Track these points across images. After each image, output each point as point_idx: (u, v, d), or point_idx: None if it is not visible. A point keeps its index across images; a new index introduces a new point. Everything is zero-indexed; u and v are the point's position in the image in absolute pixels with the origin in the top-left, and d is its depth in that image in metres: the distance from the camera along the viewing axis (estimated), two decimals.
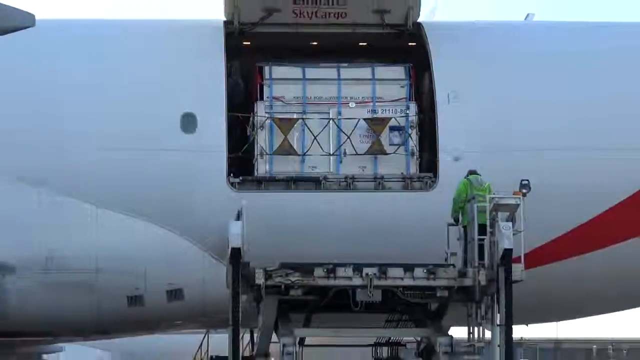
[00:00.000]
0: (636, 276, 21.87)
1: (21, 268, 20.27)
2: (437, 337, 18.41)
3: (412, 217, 19.99)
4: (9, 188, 20.05)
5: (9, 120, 20.21)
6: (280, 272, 17.52)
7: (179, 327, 25.05)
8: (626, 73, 22.06)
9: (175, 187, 20.55)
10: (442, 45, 21.62)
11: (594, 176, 20.83)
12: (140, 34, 23.08)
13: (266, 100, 21.17)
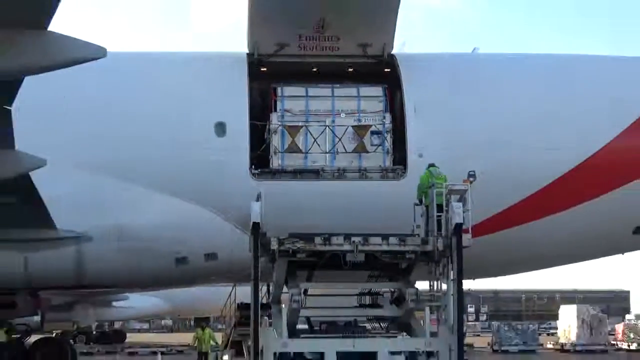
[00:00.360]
0: (553, 243, 21.85)
1: (97, 238, 20.04)
2: (407, 288, 18.25)
3: (388, 199, 19.82)
4: (93, 179, 19.98)
5: (95, 127, 20.17)
6: (289, 240, 17.38)
7: (213, 281, 24.75)
8: (542, 91, 22.01)
9: (210, 177, 20.43)
10: (410, 71, 21.49)
11: (521, 166, 20.79)
12: (186, 62, 23.05)
13: (279, 112, 20.98)
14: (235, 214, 19.21)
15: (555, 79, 22.44)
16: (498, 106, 21.31)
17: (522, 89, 21.94)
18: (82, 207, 19.71)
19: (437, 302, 17.86)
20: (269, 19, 20.98)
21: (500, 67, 23.21)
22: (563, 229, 21.17)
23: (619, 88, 21.91)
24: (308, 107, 21.14)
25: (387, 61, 21.71)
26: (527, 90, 21.85)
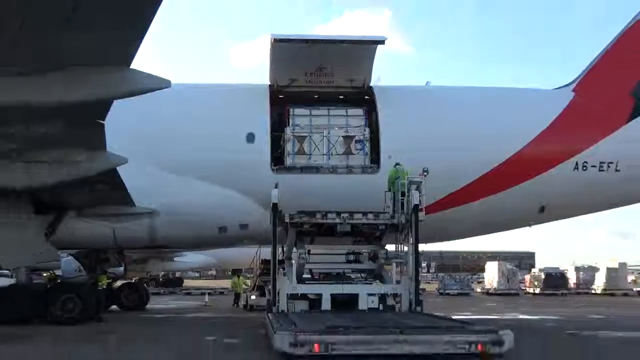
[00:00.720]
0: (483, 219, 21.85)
1: (162, 213, 20.00)
2: (379, 249, 18.45)
3: (367, 187, 19.65)
4: (163, 174, 19.92)
5: (163, 137, 20.27)
6: (297, 215, 17.50)
7: (244, 244, 24.59)
8: (474, 112, 21.87)
9: (243, 171, 20.24)
10: (382, 98, 21.36)
11: (459, 165, 20.69)
12: (227, 91, 22.82)
13: (291, 126, 20.76)
14: (261, 197, 19.03)
15: (483, 104, 22.32)
16: (442, 123, 21.04)
17: (459, 110, 21.68)
18: (154, 193, 19.60)
19: (400, 259, 17.95)
20: (284, 63, 20.84)
21: (445, 95, 23.03)
22: (490, 208, 21.00)
23: (525, 111, 21.81)
24: (311, 123, 20.93)
25: (366, 91, 21.53)
26: (463, 112, 21.63)
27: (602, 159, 20.90)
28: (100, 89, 12.83)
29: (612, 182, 21.09)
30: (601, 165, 20.89)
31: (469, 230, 23.26)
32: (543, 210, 21.76)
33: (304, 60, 20.90)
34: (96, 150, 16.18)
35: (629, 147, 20.97)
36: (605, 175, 20.93)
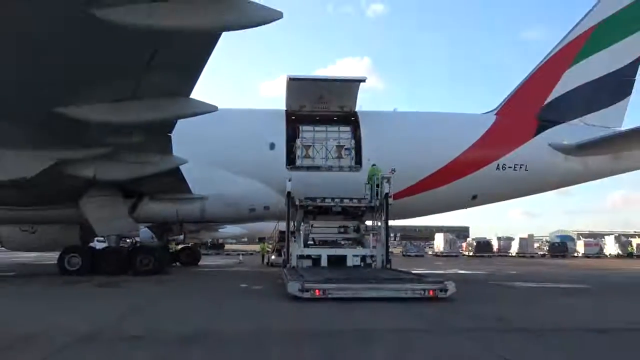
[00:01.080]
0: (434, 203, 21.73)
1: (210, 197, 19.94)
2: (361, 224, 18.29)
3: (352, 181, 19.51)
4: (211, 170, 19.70)
5: (213, 144, 19.99)
6: (304, 200, 17.42)
7: (267, 219, 24.40)
8: (430, 129, 21.78)
9: (267, 170, 20.04)
10: (364, 119, 21.26)
11: (417, 165, 20.59)
12: (258, 113, 22.77)
13: (300, 138, 20.61)
14: (279, 187, 18.84)
15: (433, 123, 22.25)
16: (405, 137, 20.86)
17: (416, 128, 21.59)
18: (205, 184, 19.47)
19: (375, 231, 17.75)
20: (296, 95, 20.80)
21: (407, 117, 22.85)
22: (438, 196, 20.90)
23: (462, 129, 21.75)
24: (314, 136, 20.75)
25: (352, 114, 21.40)
26: (419, 129, 21.54)
27: (516, 163, 20.91)
28: (168, 113, 12.92)
29: (523, 178, 21.12)
30: (515, 166, 20.90)
31: (424, 211, 23.11)
32: (475, 197, 21.79)
33: (309, 93, 20.90)
34: (165, 154, 16.29)
35: (534, 154, 21.03)
36: (518, 173, 20.95)
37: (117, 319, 8.94)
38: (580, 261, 46.81)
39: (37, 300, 12.16)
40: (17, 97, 11.75)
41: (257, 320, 9.00)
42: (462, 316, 9.52)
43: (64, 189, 18.00)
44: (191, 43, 9.71)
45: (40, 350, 6.17)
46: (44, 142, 14.54)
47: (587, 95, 21.94)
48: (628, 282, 20.15)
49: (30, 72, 10.60)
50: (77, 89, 11.64)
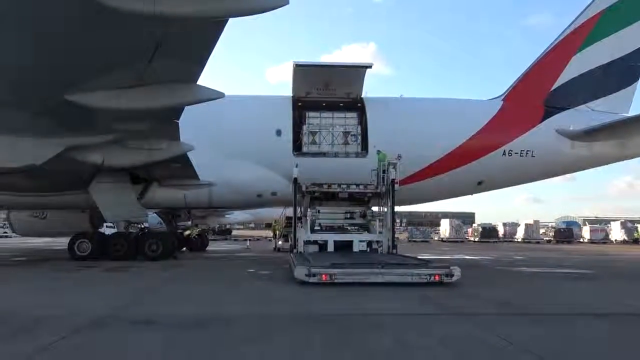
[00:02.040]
0: (440, 189, 21.68)
1: (219, 184, 20.02)
2: (367, 210, 18.32)
3: (358, 167, 19.63)
4: (218, 157, 19.81)
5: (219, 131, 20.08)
6: (311, 186, 17.43)
7: (274, 205, 24.35)
8: (435, 115, 21.63)
9: (274, 156, 20.10)
10: (370, 105, 21.17)
11: (423, 152, 20.51)
12: (264, 100, 22.74)
13: (306, 125, 20.70)
14: (285, 173, 18.89)
15: (440, 110, 22.00)
16: (411, 123, 20.79)
17: (423, 114, 21.47)
18: (212, 170, 19.51)
19: (382, 217, 17.83)
20: (302, 81, 20.72)
21: (413, 103, 22.49)
22: (444, 182, 20.90)
23: (469, 115, 21.65)
24: (320, 123, 20.84)
25: (358, 101, 21.33)
26: (425, 115, 21.43)
27: (522, 148, 20.84)
28: (176, 99, 12.96)
29: (529, 164, 21.06)
30: (521, 152, 20.84)
31: (430, 197, 23.04)
32: (481, 183, 21.78)
33: (315, 79, 20.84)
34: (173, 141, 16.36)
35: (541, 140, 20.94)
36: (524, 159, 20.89)
37: (126, 304, 9.05)
38: (586, 247, 46.73)
39: (48, 284, 12.31)
40: (26, 84, 11.84)
41: (265, 305, 9.09)
42: (467, 301, 9.57)
43: (73, 175, 18.14)
44: (198, 30, 9.72)
45: (53, 333, 6.27)
46: (53, 129, 14.61)
47: (594, 81, 21.78)
48: (632, 267, 20.13)
49: (40, 60, 10.67)
50: (85, 76, 11.70)
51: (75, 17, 9.02)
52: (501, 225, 64.15)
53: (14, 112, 13.32)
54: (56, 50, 10.21)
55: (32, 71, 11.18)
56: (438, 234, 64.73)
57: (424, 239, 55.69)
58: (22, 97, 12.53)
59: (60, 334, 6.19)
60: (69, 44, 9.98)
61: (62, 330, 6.37)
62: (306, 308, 8.71)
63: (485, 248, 38.42)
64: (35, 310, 8.07)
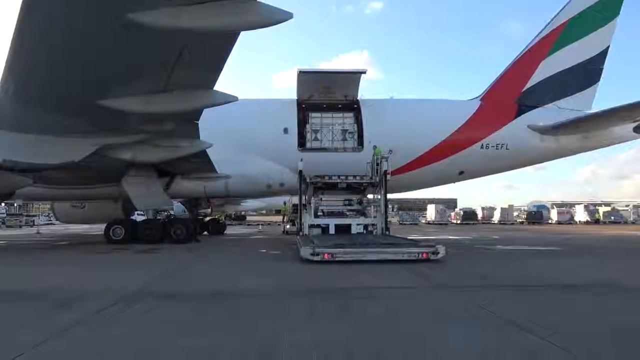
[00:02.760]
0: (427, 178, 21.60)
1: (234, 177, 20.04)
2: (363, 197, 18.20)
3: (355, 160, 19.56)
4: (234, 152, 19.65)
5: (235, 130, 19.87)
6: (314, 177, 17.35)
7: (282, 194, 24.03)
8: (423, 113, 21.60)
9: (282, 151, 20.08)
10: (365, 106, 21.10)
11: (411, 146, 20.40)
12: (273, 103, 22.20)
13: (309, 124, 20.65)
14: (292, 166, 18.94)
15: (425, 109, 21.96)
16: (401, 121, 20.76)
17: (411, 113, 21.39)
18: (228, 164, 19.48)
19: (376, 203, 17.87)
20: (305, 86, 20.64)
21: (402, 104, 22.33)
22: (430, 172, 20.85)
23: (451, 113, 21.53)
24: (322, 122, 20.76)
25: (355, 102, 21.25)
26: (413, 114, 21.35)
27: (498, 142, 20.81)
28: (195, 103, 12.94)
29: (504, 156, 21.04)
30: (497, 146, 20.81)
31: (418, 185, 23.01)
32: (462, 173, 21.75)
33: (317, 84, 20.77)
34: (193, 139, 16.35)
35: (514, 135, 20.91)
36: (500, 152, 20.87)
37: (156, 280, 9.12)
38: (553, 227, 46.71)
39: (87, 265, 12.39)
40: (66, 92, 11.88)
41: (276, 280, 9.15)
42: (451, 275, 9.61)
43: (107, 170, 18.20)
44: (214, 41, 9.73)
45: (94, 305, 6.34)
46: (90, 130, 14.68)
47: (561, 82, 21.72)
48: (593, 244, 20.16)
49: (76, 72, 10.71)
50: (116, 85, 11.72)
51: (107, 32, 9.03)
52: (480, 209, 64.01)
53: (54, 115, 13.38)
54: (87, 62, 10.24)
55: (66, 81, 11.21)
56: (425, 218, 64.74)
57: (413, 222, 55.66)
58: (61, 102, 12.57)
59: (99, 307, 6.25)
60: (100, 56, 10.01)
61: (98, 304, 6.44)
62: (311, 282, 8.77)
63: (466, 229, 38.44)
64: (78, 286, 8.15)
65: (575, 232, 31.99)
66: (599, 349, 4.45)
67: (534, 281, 8.83)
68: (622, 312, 6.16)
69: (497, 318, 5.64)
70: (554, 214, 61.36)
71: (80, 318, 5.67)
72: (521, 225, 54.98)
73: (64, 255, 15.24)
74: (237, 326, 5.35)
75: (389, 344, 4.58)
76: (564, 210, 62.92)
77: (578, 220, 59.13)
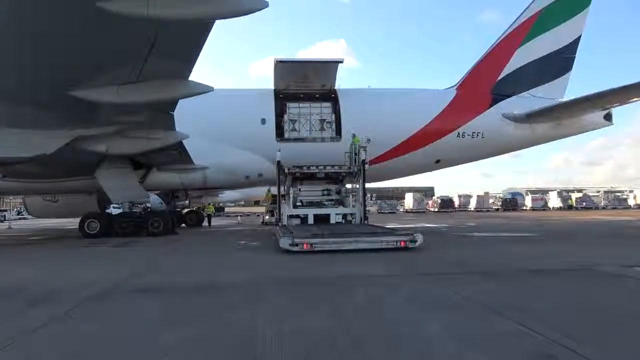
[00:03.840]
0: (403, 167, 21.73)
1: (211, 168, 19.93)
2: (342, 187, 18.22)
3: (333, 150, 19.57)
4: (210, 143, 19.56)
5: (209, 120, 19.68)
6: (292, 168, 17.24)
7: (260, 185, 23.99)
8: (399, 102, 21.68)
9: (260, 142, 19.98)
10: (342, 96, 21.13)
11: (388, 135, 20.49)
12: (249, 93, 22.08)
13: (287, 114, 20.53)
14: (270, 157, 18.77)
15: (402, 98, 22.10)
16: (378, 110, 20.81)
17: (388, 102, 21.45)
18: (205, 155, 19.31)
19: (354, 193, 17.94)
20: (282, 75, 20.51)
21: (380, 93, 22.42)
22: (407, 161, 21.04)
23: (427, 102, 21.71)
24: (299, 112, 20.64)
25: (332, 91, 21.22)
26: (390, 103, 21.41)
27: (473, 130, 21.10)
28: (170, 94, 12.73)
29: (480, 144, 21.34)
30: (473, 134, 21.09)
31: (395, 174, 23.19)
32: (439, 162, 22.00)
33: (294, 73, 20.67)
34: (169, 130, 16.11)
35: (489, 123, 21.23)
36: (475, 140, 21.16)
37: (134, 274, 9.00)
38: (528, 213, 47.73)
39: (62, 260, 12.16)
40: (35, 83, 11.54)
41: (256, 271, 9.13)
42: (428, 262, 9.74)
43: (80, 162, 17.81)
44: (188, 31, 9.56)
45: (68, 301, 6.22)
46: (61, 122, 14.31)
47: (535, 71, 22.08)
48: (565, 229, 20.67)
49: (45, 60, 10.40)
50: (85, 74, 11.44)
51: (76, 20, 8.78)
52: (457, 197, 64.97)
53: (24, 108, 12.99)
54: (57, 50, 9.95)
55: (35, 70, 10.89)
56: (403, 206, 65.37)
57: (392, 210, 56.23)
58: (30, 93, 12.21)
59: (73, 303, 6.13)
60: (69, 44, 9.74)
61: (75, 300, 6.32)
62: (291, 272, 8.78)
63: (443, 217, 38.98)
64: (51, 283, 7.98)
65: (549, 218, 32.76)
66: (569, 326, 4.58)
67: (505, 265, 8.99)
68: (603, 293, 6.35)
69: (471, 302, 5.74)
70: (528, 201, 62.71)
71: (56, 314, 5.55)
72: (497, 212, 56.01)
73: (35, 252, 14.90)
74: (220, 317, 5.33)
75: (369, 331, 4.62)
76: (538, 197, 64.32)
77: (552, 207, 60.55)
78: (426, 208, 60.13)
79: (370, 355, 3.98)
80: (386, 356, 3.94)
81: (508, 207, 59.73)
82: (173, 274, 9.14)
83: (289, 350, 4.11)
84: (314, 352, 4.03)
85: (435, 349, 4.11)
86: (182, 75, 11.94)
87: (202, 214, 31.66)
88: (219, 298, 6.49)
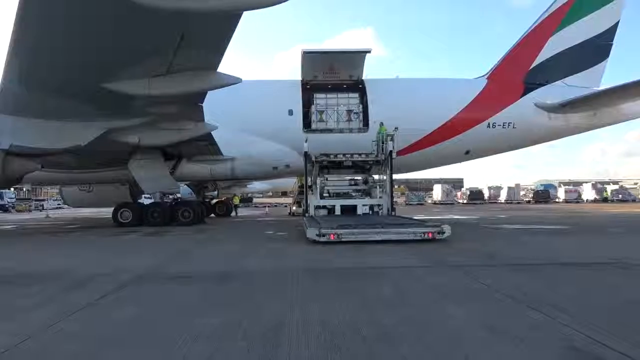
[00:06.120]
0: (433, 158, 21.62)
1: (239, 159, 20.18)
2: (369, 177, 18.24)
3: (361, 140, 19.63)
4: (239, 135, 19.81)
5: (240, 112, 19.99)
6: (320, 156, 17.41)
7: (288, 176, 24.36)
8: (429, 92, 21.52)
9: (287, 132, 20.17)
10: (370, 86, 21.09)
11: (418, 125, 20.34)
12: (277, 84, 22.47)
13: (314, 105, 20.64)
14: (297, 147, 18.90)
15: (432, 88, 21.89)
16: (407, 100, 20.70)
17: (417, 92, 21.34)
18: (233, 146, 19.64)
19: (382, 183, 17.94)
20: (309, 66, 20.58)
21: (409, 83, 22.36)
22: (437, 151, 20.92)
23: (458, 92, 21.42)
24: (327, 103, 20.73)
25: (360, 82, 21.17)
26: (420, 93, 21.30)
27: (504, 121, 20.73)
28: (199, 85, 12.97)
29: (511, 135, 20.97)
30: (504, 124, 20.73)
31: (424, 165, 23.06)
32: (468, 152, 21.73)
33: (321, 64, 20.69)
34: (198, 121, 16.39)
35: (521, 113, 20.84)
36: (506, 130, 20.79)
37: (166, 262, 9.24)
38: (560, 206, 46.60)
39: (97, 248, 12.56)
40: (71, 76, 11.91)
41: (283, 261, 9.23)
42: (456, 254, 9.66)
43: (113, 153, 18.32)
44: (217, 22, 9.66)
45: (105, 287, 6.44)
46: (96, 114, 14.75)
47: (569, 59, 21.47)
48: (601, 222, 20.10)
49: (81, 55, 10.72)
50: (118, 67, 11.72)
51: (108, 16, 9.00)
52: (486, 188, 64.04)
53: (60, 100, 13.43)
54: (90, 45, 10.23)
55: (70, 64, 11.21)
56: (431, 198, 64.75)
57: (419, 202, 55.81)
58: (65, 87, 12.59)
59: (109, 289, 6.35)
60: (101, 40, 9.99)
61: (110, 286, 6.54)
62: (317, 263, 8.84)
63: (472, 209, 38.43)
64: (88, 269, 8.27)
65: (583, 211, 31.92)
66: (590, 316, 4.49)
67: (536, 259, 8.83)
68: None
69: (506, 296, 5.69)
70: (561, 193, 61.24)
71: (94, 299, 5.78)
72: (528, 204, 54.87)
73: (72, 239, 15.43)
74: (249, 304, 5.44)
75: (396, 321, 4.64)
76: (571, 188, 62.76)
77: (585, 199, 58.95)
78: (455, 200, 59.44)
79: (400, 343, 4.01)
80: (415, 346, 3.96)
81: (540, 199, 58.47)
82: (203, 262, 9.34)
83: (313, 338, 4.17)
84: (341, 340, 4.08)
85: (465, 339, 4.10)
86: (212, 66, 12.12)
87: (231, 205, 32.15)
88: (247, 286, 6.61)
